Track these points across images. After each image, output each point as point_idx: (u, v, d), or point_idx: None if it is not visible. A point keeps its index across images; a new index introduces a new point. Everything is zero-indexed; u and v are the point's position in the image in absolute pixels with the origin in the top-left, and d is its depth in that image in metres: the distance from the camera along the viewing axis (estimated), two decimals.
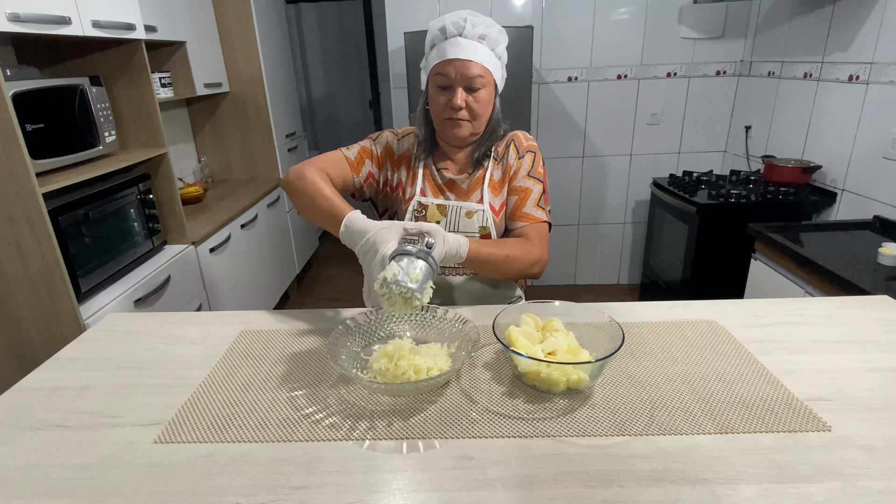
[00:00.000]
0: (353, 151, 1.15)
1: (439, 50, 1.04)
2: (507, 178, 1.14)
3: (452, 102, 1.04)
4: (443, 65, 1.03)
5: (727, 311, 1.05)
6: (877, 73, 1.92)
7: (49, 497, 0.63)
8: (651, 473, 0.64)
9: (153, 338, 1.02)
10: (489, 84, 1.06)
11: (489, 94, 1.07)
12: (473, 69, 1.02)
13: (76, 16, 1.53)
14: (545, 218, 1.12)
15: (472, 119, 1.07)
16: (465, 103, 1.04)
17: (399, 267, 0.81)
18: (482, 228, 1.11)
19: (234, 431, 0.74)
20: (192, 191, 2.51)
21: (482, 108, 1.07)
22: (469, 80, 1.03)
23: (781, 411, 0.74)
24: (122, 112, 1.91)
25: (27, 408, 0.81)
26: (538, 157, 1.15)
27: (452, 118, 1.06)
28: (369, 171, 1.16)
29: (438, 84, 1.05)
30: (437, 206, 1.13)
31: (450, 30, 1.03)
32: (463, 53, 1.01)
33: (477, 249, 0.96)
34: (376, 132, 1.22)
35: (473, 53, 1.02)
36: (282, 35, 3.17)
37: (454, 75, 1.02)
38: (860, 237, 1.79)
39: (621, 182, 3.09)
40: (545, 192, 1.14)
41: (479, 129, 1.11)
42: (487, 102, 1.08)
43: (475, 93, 1.04)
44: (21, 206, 1.39)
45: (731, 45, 2.77)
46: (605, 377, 0.84)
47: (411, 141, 1.19)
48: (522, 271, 1.05)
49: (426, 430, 0.73)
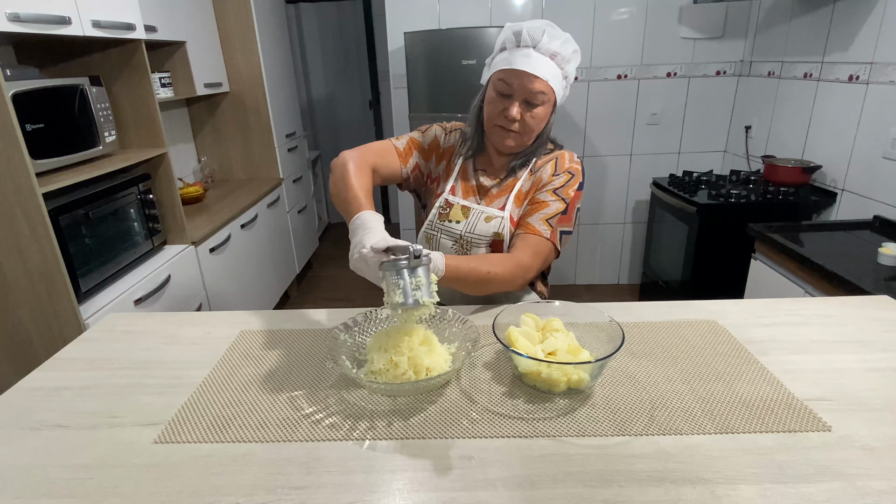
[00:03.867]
0: (402, 142, 1.15)
1: (509, 56, 1.01)
2: (534, 191, 1.11)
3: (508, 113, 1.01)
4: (508, 73, 1.01)
5: (727, 311, 1.05)
6: (877, 73, 1.92)
7: (49, 497, 0.63)
8: (651, 473, 0.64)
9: (153, 338, 1.02)
10: (549, 102, 1.03)
11: (546, 112, 1.05)
12: (538, 85, 0.99)
13: (76, 16, 1.53)
14: (547, 234, 1.06)
15: (522, 133, 1.05)
16: (520, 116, 1.02)
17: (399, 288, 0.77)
18: (496, 234, 1.10)
19: (234, 431, 0.74)
20: (192, 191, 2.51)
21: (536, 123, 1.04)
22: (531, 94, 1.00)
23: (781, 411, 0.74)
24: (122, 112, 1.91)
25: (27, 408, 0.81)
26: (575, 180, 1.10)
27: (504, 127, 1.05)
28: (416, 163, 1.15)
29: (499, 90, 1.03)
30: (461, 207, 1.12)
31: (525, 38, 1.00)
32: (531, 67, 0.98)
33: (455, 266, 0.93)
34: (425, 125, 1.20)
35: (542, 70, 0.99)
36: (282, 35, 3.17)
37: (517, 87, 1.00)
38: (860, 237, 1.79)
39: (621, 182, 3.09)
40: (565, 214, 1.08)
41: (527, 143, 1.09)
42: (542, 119, 1.05)
43: (533, 109, 1.02)
44: (21, 206, 1.39)
45: (731, 45, 2.77)
46: (605, 377, 0.84)
47: (457, 137, 1.18)
48: (505, 287, 1.02)
49: (426, 430, 0.73)
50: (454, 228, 1.12)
